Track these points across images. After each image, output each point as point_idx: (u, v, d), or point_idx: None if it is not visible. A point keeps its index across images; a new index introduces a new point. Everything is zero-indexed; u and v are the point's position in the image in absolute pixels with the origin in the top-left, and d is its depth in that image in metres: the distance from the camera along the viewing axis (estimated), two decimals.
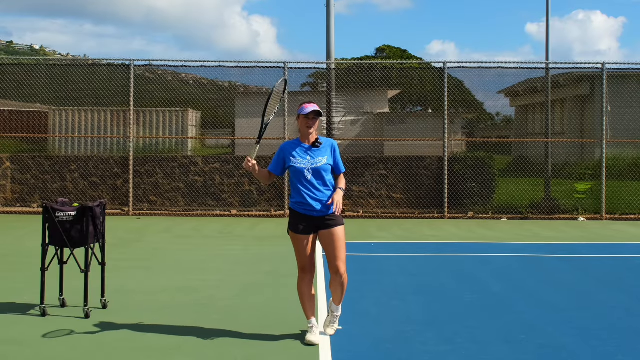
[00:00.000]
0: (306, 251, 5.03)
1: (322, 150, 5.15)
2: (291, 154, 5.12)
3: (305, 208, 5.01)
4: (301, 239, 5.02)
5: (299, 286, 5.11)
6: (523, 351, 4.79)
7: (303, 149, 5.15)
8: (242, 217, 14.04)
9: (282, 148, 5.19)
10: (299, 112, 5.16)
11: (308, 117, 5.11)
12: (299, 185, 5.05)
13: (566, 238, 11.25)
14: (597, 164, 14.67)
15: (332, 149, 5.20)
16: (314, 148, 5.14)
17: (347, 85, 15.21)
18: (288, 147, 5.17)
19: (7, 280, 7.13)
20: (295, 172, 5.06)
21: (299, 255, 5.06)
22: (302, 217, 5.03)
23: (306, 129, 5.12)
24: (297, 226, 5.02)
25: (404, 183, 14.42)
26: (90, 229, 5.62)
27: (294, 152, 5.14)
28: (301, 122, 5.15)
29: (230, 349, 4.81)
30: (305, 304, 5.10)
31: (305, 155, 5.11)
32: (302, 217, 5.03)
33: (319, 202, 5.02)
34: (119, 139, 15.52)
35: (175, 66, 14.74)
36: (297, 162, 5.07)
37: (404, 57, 44.08)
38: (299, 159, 5.10)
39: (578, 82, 20.42)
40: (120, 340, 4.97)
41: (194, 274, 7.66)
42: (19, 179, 14.49)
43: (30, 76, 14.81)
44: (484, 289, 6.95)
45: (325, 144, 5.18)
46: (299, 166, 5.06)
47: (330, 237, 5.02)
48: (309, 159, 5.09)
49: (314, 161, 5.08)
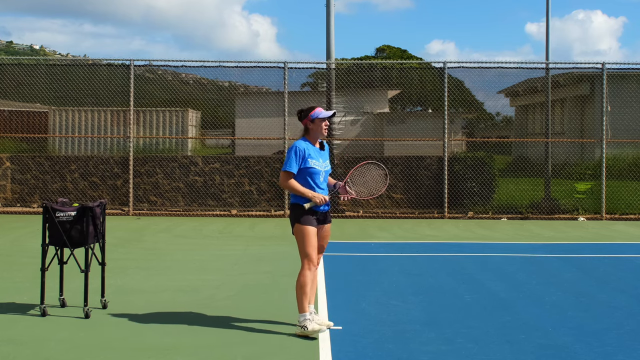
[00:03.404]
0: (315, 244, 5.19)
1: (326, 154, 5.41)
2: (310, 155, 5.22)
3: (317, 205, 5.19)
4: (314, 232, 5.18)
5: (306, 277, 5.13)
6: (523, 351, 4.79)
7: (316, 151, 5.31)
8: (242, 217, 14.04)
9: (303, 147, 5.21)
10: (315, 116, 5.24)
11: (325, 120, 5.27)
12: (313, 185, 5.21)
13: (566, 238, 11.25)
14: (597, 164, 14.67)
15: (328, 152, 5.48)
16: (321, 151, 5.36)
17: (347, 85, 15.22)
18: (307, 147, 5.25)
19: (7, 280, 7.13)
20: (312, 174, 5.20)
21: (311, 247, 5.15)
22: (313, 212, 5.21)
23: (324, 132, 5.30)
24: (312, 220, 5.17)
25: (404, 183, 14.42)
26: (90, 229, 5.62)
27: (312, 153, 5.26)
28: (319, 126, 5.26)
29: (230, 348, 4.81)
30: (307, 295, 5.15)
31: (319, 157, 5.29)
32: (313, 212, 5.21)
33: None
34: (119, 139, 15.53)
35: (175, 66, 14.74)
36: (316, 164, 5.23)
37: (404, 57, 44.10)
38: (316, 160, 5.25)
39: (578, 82, 20.43)
40: (120, 340, 4.97)
41: (194, 274, 7.66)
42: (19, 179, 14.49)
43: (30, 76, 14.82)
44: (484, 289, 6.96)
45: (326, 148, 5.45)
46: (317, 168, 5.24)
47: (327, 231, 5.38)
48: (321, 161, 5.31)
49: (325, 164, 5.34)
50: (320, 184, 5.25)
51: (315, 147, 5.29)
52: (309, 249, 5.14)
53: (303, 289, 5.14)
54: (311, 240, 5.15)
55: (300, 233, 5.15)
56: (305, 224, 5.14)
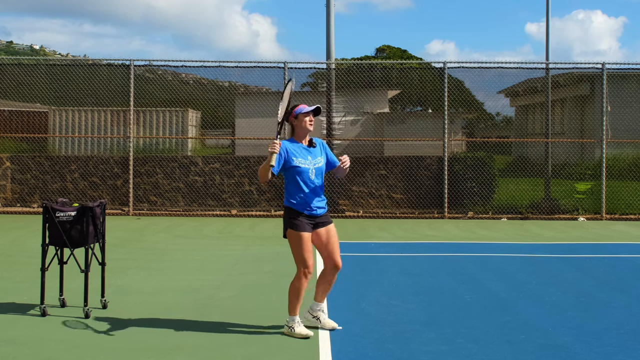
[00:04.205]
0: (310, 249, 5.07)
1: (317, 150, 5.20)
2: (293, 154, 5.07)
3: (310, 208, 5.05)
4: (308, 238, 5.04)
5: (300, 284, 5.07)
6: (523, 351, 4.79)
7: (302, 148, 5.14)
8: (242, 217, 14.04)
9: (285, 147, 5.08)
10: (297, 112, 5.12)
11: (308, 114, 5.11)
12: (303, 186, 5.03)
13: (566, 238, 11.25)
14: (597, 164, 14.67)
15: (324, 149, 5.27)
16: (311, 148, 5.17)
17: (347, 85, 15.21)
18: (289, 147, 5.10)
19: (7, 280, 7.13)
20: (300, 172, 5.03)
21: (307, 253, 5.02)
22: (305, 216, 5.05)
23: (309, 127, 5.12)
24: (304, 226, 5.02)
25: (404, 183, 14.42)
26: (90, 229, 5.62)
27: (296, 151, 5.09)
28: (302, 121, 5.12)
29: (231, 348, 4.81)
30: (300, 301, 5.11)
31: (307, 155, 5.11)
32: (305, 216, 5.05)
33: (322, 201, 5.14)
34: (119, 139, 15.53)
35: (175, 66, 14.74)
36: (301, 163, 5.05)
37: (404, 57, 44.10)
38: (301, 159, 5.07)
39: (578, 82, 20.43)
40: (120, 340, 4.97)
41: (194, 274, 7.66)
42: (19, 179, 14.49)
43: (30, 76, 14.82)
44: (484, 289, 6.95)
45: (318, 145, 5.22)
46: (304, 167, 5.04)
47: (329, 233, 5.15)
48: (310, 159, 5.11)
49: (315, 161, 5.12)
50: (311, 182, 5.05)
51: (302, 144, 5.13)
52: (305, 254, 5.02)
53: (296, 295, 5.07)
54: (304, 246, 5.01)
55: (294, 239, 5.03)
56: (299, 230, 5.00)
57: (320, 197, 5.14)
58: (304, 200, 5.04)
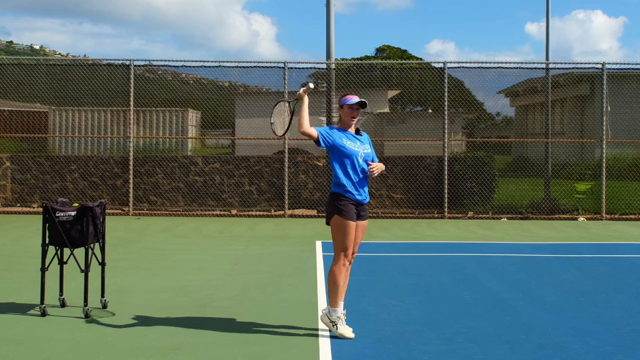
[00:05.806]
0: (353, 238, 5.08)
1: (365, 139, 5.26)
2: (341, 137, 5.10)
3: (358, 192, 5.09)
4: (353, 227, 5.06)
5: (339, 272, 5.06)
6: (523, 351, 4.79)
7: (351, 135, 5.18)
8: (242, 217, 14.03)
9: (332, 128, 5.15)
10: (343, 102, 5.16)
11: (353, 107, 5.13)
12: (351, 170, 5.07)
13: (566, 238, 11.25)
14: (597, 164, 14.67)
15: (369, 142, 5.31)
16: (358, 136, 5.22)
17: (347, 85, 15.21)
18: (337, 130, 5.15)
19: (7, 280, 7.12)
20: (348, 155, 5.06)
21: (349, 242, 5.04)
22: (354, 203, 5.08)
23: (351, 119, 5.15)
24: (352, 214, 5.05)
25: (404, 183, 14.42)
26: (90, 229, 5.62)
27: (345, 135, 5.13)
28: (346, 112, 5.15)
29: (231, 348, 4.81)
30: (340, 290, 5.09)
31: (355, 140, 5.16)
32: (354, 203, 5.08)
33: (366, 188, 5.19)
34: (119, 139, 15.53)
35: (175, 66, 14.74)
36: (350, 145, 5.08)
37: (404, 57, 44.08)
38: (350, 142, 5.10)
39: (578, 82, 20.43)
40: (120, 340, 4.97)
41: (194, 274, 7.66)
42: (19, 179, 14.49)
43: (30, 76, 14.82)
44: (483, 289, 6.95)
45: (364, 135, 5.29)
46: (352, 149, 5.08)
47: (363, 228, 5.20)
48: (359, 144, 5.15)
49: (363, 147, 5.17)
50: (359, 165, 5.06)
51: (350, 132, 5.17)
52: (347, 242, 5.03)
53: (336, 284, 5.06)
54: (349, 233, 5.03)
55: (340, 226, 5.02)
56: (347, 218, 5.01)
57: (366, 185, 5.17)
58: (352, 184, 5.07)
